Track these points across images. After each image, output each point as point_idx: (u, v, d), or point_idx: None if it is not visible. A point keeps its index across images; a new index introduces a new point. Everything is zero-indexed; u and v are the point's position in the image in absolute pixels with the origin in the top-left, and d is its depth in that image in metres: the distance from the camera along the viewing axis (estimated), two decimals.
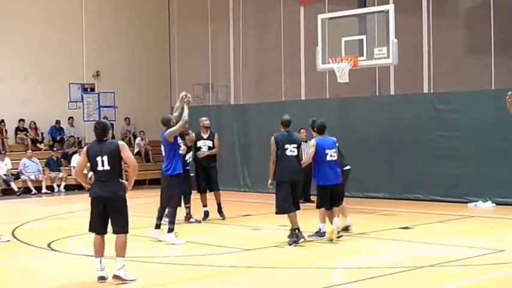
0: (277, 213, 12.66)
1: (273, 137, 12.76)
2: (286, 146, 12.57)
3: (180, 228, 13.88)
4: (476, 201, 18.49)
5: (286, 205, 12.45)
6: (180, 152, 13.71)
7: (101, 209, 9.74)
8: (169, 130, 12.90)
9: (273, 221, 14.34)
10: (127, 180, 10.05)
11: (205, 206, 16.10)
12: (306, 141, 17.43)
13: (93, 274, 9.95)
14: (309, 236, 12.77)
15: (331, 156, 12.79)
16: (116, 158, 9.74)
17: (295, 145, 12.66)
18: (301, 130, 17.60)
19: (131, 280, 9.69)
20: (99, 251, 9.80)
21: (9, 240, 13.32)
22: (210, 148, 16.23)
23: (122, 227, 9.77)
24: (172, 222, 12.85)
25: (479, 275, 10.18)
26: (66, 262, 11.71)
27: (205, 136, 16.26)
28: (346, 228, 13.66)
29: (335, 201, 12.99)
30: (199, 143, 16.14)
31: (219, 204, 16.14)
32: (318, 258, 11.62)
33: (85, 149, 10.05)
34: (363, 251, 12.21)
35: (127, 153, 9.81)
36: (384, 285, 9.59)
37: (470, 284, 9.64)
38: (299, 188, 13.11)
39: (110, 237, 10.00)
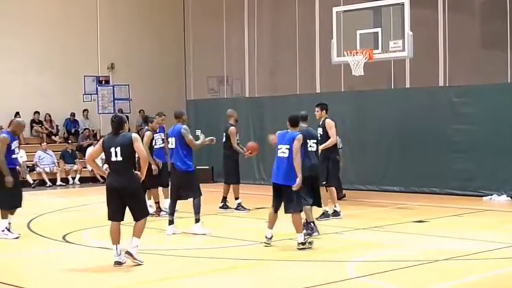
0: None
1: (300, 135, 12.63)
2: (307, 141, 12.64)
3: (188, 221, 13.88)
4: (492, 194, 18.42)
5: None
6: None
7: (116, 198, 10.15)
8: (191, 141, 12.95)
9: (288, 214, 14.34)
10: (139, 171, 10.31)
11: (237, 198, 16.50)
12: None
13: (107, 266, 10.03)
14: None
15: (282, 152, 11.69)
16: (128, 150, 10.09)
17: (315, 140, 12.92)
18: None
19: (139, 261, 10.13)
20: (116, 239, 10.17)
21: (18, 237, 13.22)
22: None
23: (141, 213, 10.24)
24: (199, 212, 13.03)
25: (494, 268, 10.14)
26: (80, 254, 11.74)
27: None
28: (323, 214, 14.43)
29: (285, 205, 11.78)
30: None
31: (224, 198, 16.52)
32: (332, 251, 11.61)
33: (101, 140, 10.46)
34: (377, 244, 12.18)
35: (139, 146, 10.17)
36: (398, 278, 9.56)
37: (484, 277, 9.60)
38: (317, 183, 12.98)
39: (123, 228, 10.24)
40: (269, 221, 11.93)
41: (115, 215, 10.18)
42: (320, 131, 14.66)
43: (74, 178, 25.04)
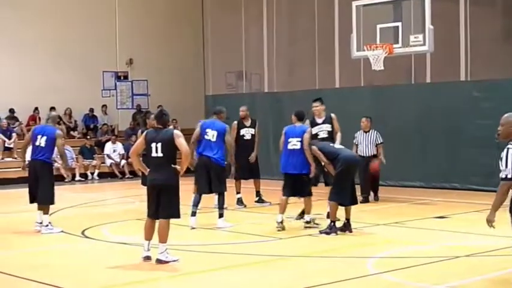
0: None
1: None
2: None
3: (206, 216, 13.84)
4: None
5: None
6: None
7: (154, 195, 10.07)
8: (229, 141, 13.62)
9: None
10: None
11: (239, 192, 16.38)
12: (367, 132, 17.17)
13: (127, 261, 10.02)
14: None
15: (293, 145, 12.61)
16: (169, 146, 9.99)
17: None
18: (363, 119, 17.65)
19: (174, 260, 10.04)
20: (149, 236, 10.15)
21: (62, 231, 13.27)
22: (252, 136, 16.51)
23: (167, 213, 10.06)
24: (223, 207, 13.35)
25: None
26: (100, 249, 11.72)
27: (247, 124, 16.54)
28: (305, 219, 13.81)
29: (298, 191, 12.85)
30: (242, 131, 16.46)
31: (258, 192, 16.64)
32: (351, 247, 11.52)
33: (144, 133, 10.39)
34: (397, 240, 12.09)
35: (181, 141, 10.03)
36: (419, 275, 9.46)
37: (506, 274, 9.48)
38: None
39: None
40: (281, 207, 12.76)
41: (151, 212, 10.13)
42: (328, 127, 14.02)
43: (92, 173, 25.08)
